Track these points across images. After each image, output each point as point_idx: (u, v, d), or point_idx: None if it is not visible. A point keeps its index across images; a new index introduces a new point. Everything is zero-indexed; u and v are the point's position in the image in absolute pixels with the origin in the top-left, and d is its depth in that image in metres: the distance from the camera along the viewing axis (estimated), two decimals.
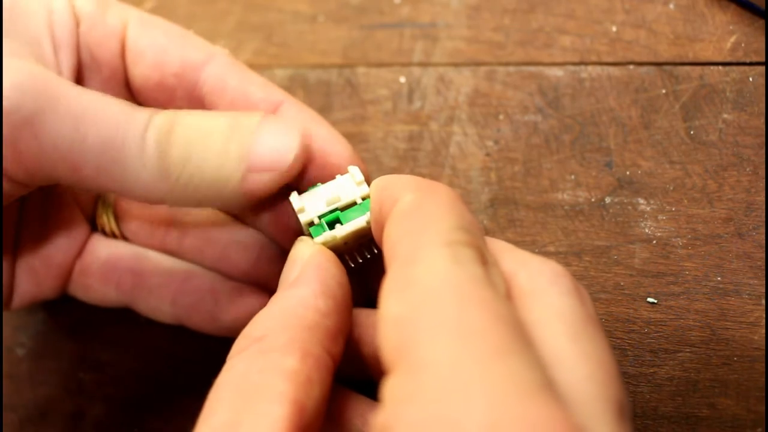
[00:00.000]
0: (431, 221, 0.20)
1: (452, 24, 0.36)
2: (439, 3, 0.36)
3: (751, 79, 0.32)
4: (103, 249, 0.32)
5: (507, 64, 0.35)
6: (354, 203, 0.26)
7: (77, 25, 0.29)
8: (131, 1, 0.40)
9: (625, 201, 0.31)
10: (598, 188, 0.32)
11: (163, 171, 0.25)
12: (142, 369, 0.35)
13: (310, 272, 0.24)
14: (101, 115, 0.24)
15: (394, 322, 0.18)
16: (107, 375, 0.35)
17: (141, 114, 0.25)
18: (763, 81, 0.31)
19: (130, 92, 0.30)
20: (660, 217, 0.31)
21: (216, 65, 0.29)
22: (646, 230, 0.31)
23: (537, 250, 0.32)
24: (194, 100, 0.30)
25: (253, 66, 0.38)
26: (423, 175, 0.34)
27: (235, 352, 0.22)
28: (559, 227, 0.32)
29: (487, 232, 0.32)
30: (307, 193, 0.27)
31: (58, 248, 0.31)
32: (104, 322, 0.35)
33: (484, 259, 0.20)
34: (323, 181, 0.27)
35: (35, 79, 0.24)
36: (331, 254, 0.25)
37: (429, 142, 0.34)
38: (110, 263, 0.32)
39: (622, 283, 0.30)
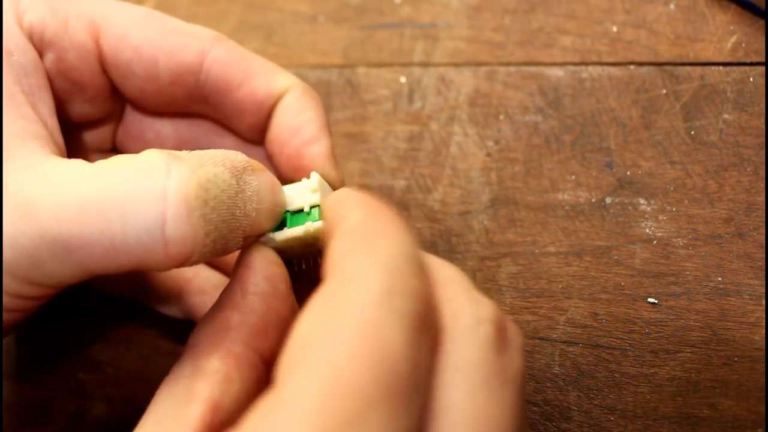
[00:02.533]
0: (377, 245, 0.19)
1: (453, 24, 0.36)
2: (440, 3, 0.36)
3: (751, 79, 0.32)
4: None
5: (507, 64, 0.35)
6: (301, 210, 0.26)
7: (41, 56, 0.26)
8: (131, 2, 0.40)
9: (626, 201, 0.31)
10: (598, 188, 0.32)
11: (189, 247, 0.22)
12: (142, 369, 0.35)
13: (240, 272, 0.24)
14: (90, 233, 0.21)
15: (296, 342, 0.18)
16: (107, 375, 0.35)
17: (147, 196, 0.21)
18: (763, 81, 0.31)
19: (118, 98, 0.29)
20: (660, 217, 0.31)
21: (212, 62, 0.27)
22: (647, 230, 0.31)
23: (537, 251, 0.32)
24: (196, 98, 0.29)
25: None
26: (423, 176, 0.34)
27: (178, 358, 0.23)
28: (560, 227, 0.32)
29: (488, 232, 0.32)
30: None
31: None
32: (104, 322, 0.35)
33: (426, 293, 0.19)
34: (297, 179, 0.27)
35: (17, 212, 0.21)
36: (267, 251, 0.25)
37: (429, 142, 0.34)
38: None
39: (622, 284, 0.30)
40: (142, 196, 0.21)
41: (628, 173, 0.32)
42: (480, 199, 0.33)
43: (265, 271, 0.24)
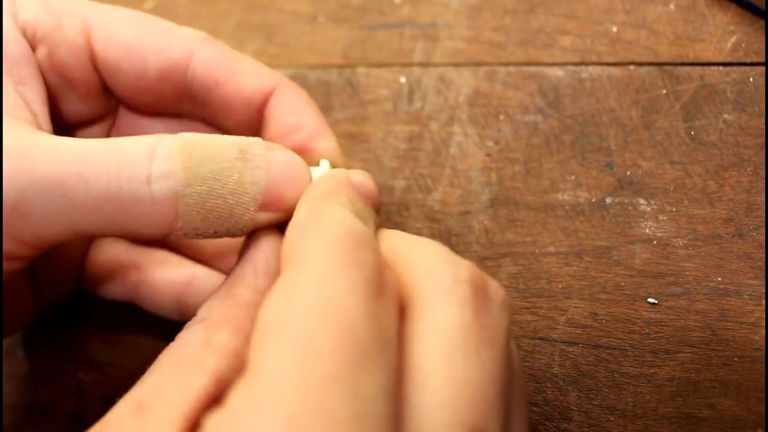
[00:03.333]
0: (321, 230, 0.20)
1: (452, 24, 0.36)
2: (440, 3, 0.36)
3: (751, 79, 0.32)
4: (109, 246, 0.32)
5: (507, 64, 0.35)
6: None
7: (33, 50, 0.27)
8: (131, 2, 0.40)
9: (626, 201, 0.31)
10: (598, 188, 0.32)
11: (180, 210, 0.23)
12: (142, 369, 0.35)
13: (253, 252, 0.24)
14: (87, 171, 0.22)
15: (261, 325, 0.19)
16: (107, 375, 0.35)
17: (137, 153, 0.23)
18: (763, 81, 0.31)
19: (110, 95, 0.29)
20: (660, 217, 0.31)
21: (200, 60, 0.28)
22: (647, 230, 0.31)
23: (537, 251, 0.32)
24: (184, 96, 0.29)
25: None
26: (423, 176, 0.34)
27: (184, 327, 0.23)
28: (560, 227, 0.32)
29: (488, 232, 0.32)
30: None
31: (69, 247, 0.31)
32: (104, 322, 0.35)
33: (375, 264, 0.19)
34: None
35: (10, 157, 0.22)
36: (278, 234, 0.25)
37: (429, 142, 0.34)
38: (115, 260, 0.32)
39: (622, 284, 0.30)
40: (135, 150, 0.23)
41: (628, 173, 0.32)
42: (480, 199, 0.33)
43: (277, 251, 0.24)
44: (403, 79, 0.36)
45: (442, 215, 0.33)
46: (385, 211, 0.34)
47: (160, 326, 0.34)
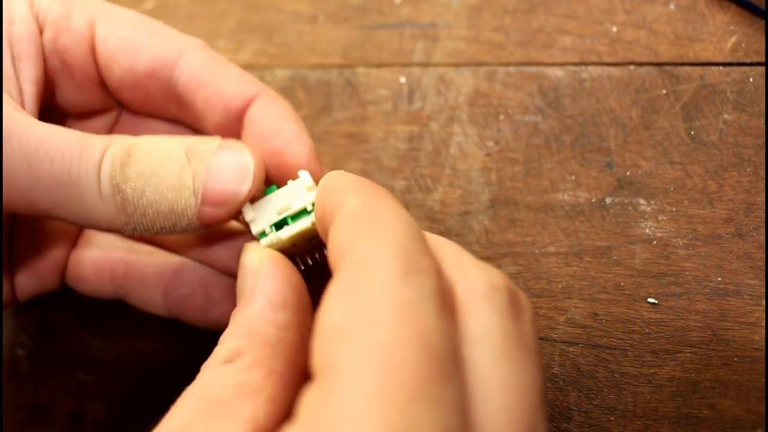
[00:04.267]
0: (384, 225, 0.20)
1: (452, 24, 0.36)
2: (440, 3, 0.36)
3: (751, 79, 0.32)
4: (96, 241, 0.32)
5: (507, 64, 0.35)
6: (305, 210, 0.26)
7: (40, 32, 0.28)
8: (131, 2, 0.40)
9: (626, 201, 0.31)
10: (598, 188, 0.32)
11: (119, 205, 0.25)
12: (142, 369, 0.35)
13: (263, 283, 0.24)
14: (54, 150, 0.24)
15: (330, 330, 0.18)
16: (107, 375, 0.35)
17: (95, 147, 0.25)
18: (763, 81, 0.31)
19: (107, 92, 0.30)
20: (660, 217, 0.31)
21: (188, 61, 0.29)
22: (647, 231, 0.31)
23: (537, 251, 0.32)
24: (170, 97, 0.29)
25: (253, 66, 0.38)
26: (423, 176, 0.34)
27: (205, 366, 0.22)
28: (560, 227, 0.32)
29: (488, 232, 0.32)
30: (259, 202, 0.27)
31: (53, 242, 0.32)
32: (104, 322, 0.35)
33: (438, 268, 0.19)
34: (280, 180, 0.27)
35: None
36: (280, 257, 0.24)
37: (429, 142, 0.34)
38: (103, 255, 0.32)
39: (622, 284, 0.30)
40: (97, 143, 0.25)
41: (628, 173, 0.32)
42: (480, 199, 0.33)
43: (290, 281, 0.24)
44: (403, 79, 0.36)
45: (442, 215, 0.33)
46: None
47: (161, 326, 0.34)
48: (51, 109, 0.30)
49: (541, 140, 0.33)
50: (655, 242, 0.31)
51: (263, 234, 0.26)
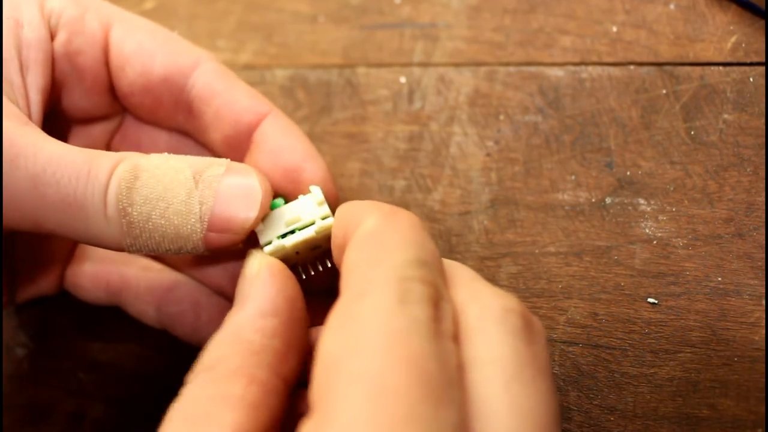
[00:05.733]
0: (387, 251, 0.20)
1: (452, 24, 0.36)
2: (440, 3, 0.36)
3: (751, 79, 0.32)
4: (93, 252, 0.32)
5: (507, 64, 0.35)
6: (313, 224, 0.26)
7: (51, 37, 0.28)
8: (131, 1, 0.40)
9: (626, 201, 0.31)
10: (598, 188, 0.32)
11: (124, 228, 0.25)
12: (142, 369, 0.35)
13: (256, 290, 0.24)
14: (60, 172, 0.24)
15: (326, 361, 0.18)
16: (107, 375, 0.35)
17: (102, 168, 0.24)
18: (763, 81, 0.31)
19: (115, 98, 0.30)
20: (660, 217, 0.31)
21: (203, 71, 0.29)
22: (647, 231, 0.31)
23: (537, 251, 0.32)
24: (181, 104, 0.29)
25: (253, 66, 0.38)
26: (423, 176, 0.34)
27: (191, 378, 0.22)
28: (560, 227, 0.32)
29: (488, 232, 0.32)
30: (268, 214, 0.27)
31: (52, 250, 0.32)
32: (104, 322, 0.35)
33: (437, 296, 0.19)
34: (292, 195, 0.28)
35: None
36: (280, 266, 0.25)
37: (429, 142, 0.34)
38: (100, 266, 0.32)
39: (622, 284, 0.30)
40: (104, 164, 0.24)
41: (628, 173, 0.32)
42: (480, 199, 0.33)
43: (284, 290, 0.24)
44: (403, 79, 0.36)
45: (442, 215, 0.33)
46: None
47: None
48: (54, 112, 0.30)
49: (541, 140, 0.33)
50: (655, 242, 0.31)
51: (269, 244, 0.26)
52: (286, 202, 0.27)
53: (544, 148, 0.33)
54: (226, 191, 0.25)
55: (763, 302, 0.29)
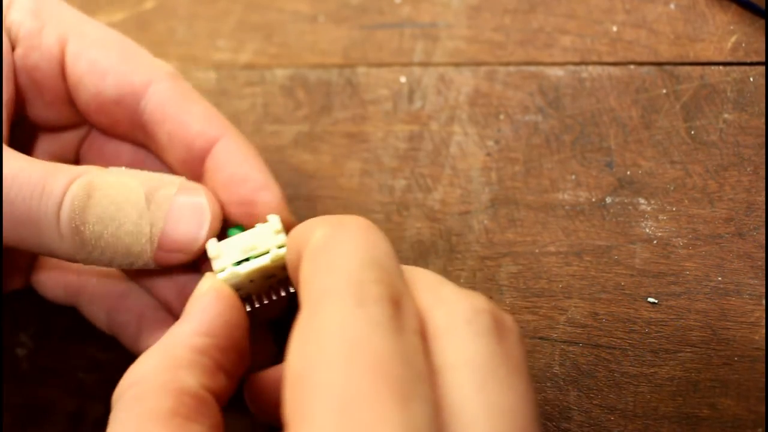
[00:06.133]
0: (339, 257, 0.20)
1: (453, 24, 0.36)
2: (440, 3, 0.36)
3: (751, 79, 0.32)
4: None
5: (507, 64, 0.35)
6: (268, 252, 0.26)
7: (12, 49, 0.27)
8: (131, 1, 0.40)
9: (626, 201, 0.31)
10: (598, 188, 0.32)
11: (77, 244, 0.26)
12: None
13: (195, 310, 0.24)
14: (15, 191, 0.25)
15: (292, 380, 0.18)
16: (107, 375, 0.35)
17: (56, 186, 0.25)
18: (763, 81, 0.31)
19: (77, 111, 0.30)
20: (661, 217, 0.31)
21: (155, 92, 0.28)
22: (647, 230, 0.31)
23: (537, 250, 0.32)
24: (137, 125, 0.29)
25: (253, 66, 0.38)
26: (423, 175, 0.34)
27: (115, 398, 0.22)
28: (560, 227, 0.32)
29: (488, 232, 0.32)
30: (224, 241, 0.27)
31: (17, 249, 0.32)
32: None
33: (396, 293, 0.19)
34: (249, 225, 0.28)
35: None
36: (228, 292, 0.25)
37: (429, 142, 0.34)
38: (59, 268, 0.32)
39: (622, 283, 0.30)
40: (59, 181, 0.25)
41: (628, 173, 0.32)
42: (480, 198, 0.33)
43: (224, 315, 0.24)
44: (403, 79, 0.36)
45: (442, 215, 0.33)
46: (385, 211, 0.34)
47: None
48: (22, 120, 0.30)
49: (542, 140, 0.33)
50: (655, 242, 0.31)
51: (222, 271, 0.26)
52: (244, 230, 0.27)
53: (544, 148, 0.33)
54: (176, 212, 0.26)
55: (764, 302, 0.29)
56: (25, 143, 0.29)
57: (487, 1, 0.36)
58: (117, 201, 0.26)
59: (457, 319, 0.20)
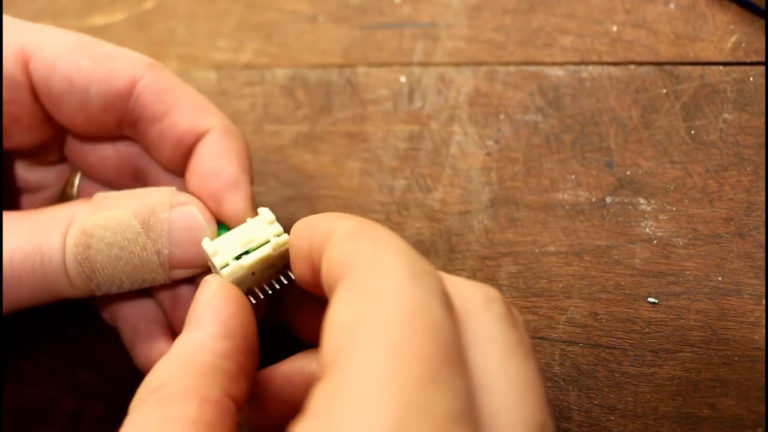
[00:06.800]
0: (384, 239, 0.20)
1: (452, 24, 0.36)
2: (440, 3, 0.36)
3: (751, 78, 0.32)
4: None
5: (507, 63, 0.35)
6: (267, 242, 0.27)
7: None
8: (131, 1, 0.40)
9: (626, 201, 0.31)
10: (598, 188, 0.32)
11: (95, 287, 0.27)
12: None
13: (209, 314, 0.24)
14: (17, 268, 0.25)
15: (340, 327, 0.18)
16: (107, 375, 0.35)
17: (53, 247, 0.26)
18: (763, 81, 0.31)
19: (57, 128, 0.29)
20: (661, 216, 0.31)
21: (142, 89, 0.27)
22: (647, 230, 0.31)
23: (537, 250, 0.32)
24: (127, 124, 0.29)
25: (253, 66, 0.38)
26: (423, 175, 0.34)
27: (135, 403, 0.21)
28: (560, 227, 0.32)
29: (488, 231, 0.32)
30: (218, 238, 0.27)
31: None
32: (104, 322, 0.35)
33: (440, 278, 0.20)
34: (220, 220, 0.28)
35: None
36: (235, 291, 0.25)
37: (429, 141, 0.34)
38: None
39: (622, 283, 0.30)
40: (53, 242, 0.26)
41: (628, 173, 0.32)
42: (480, 198, 0.33)
43: (238, 316, 0.24)
44: (403, 79, 0.36)
45: (442, 215, 0.33)
46: (385, 211, 0.34)
47: None
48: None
49: (542, 140, 0.33)
50: (655, 242, 0.31)
51: (225, 266, 0.26)
52: (228, 229, 0.28)
53: (544, 148, 0.33)
54: (176, 233, 0.27)
55: (763, 302, 0.29)
56: (6, 172, 0.28)
57: (487, 1, 0.36)
58: (115, 241, 0.26)
59: (474, 304, 0.21)
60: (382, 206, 0.34)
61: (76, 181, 0.32)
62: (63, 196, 0.32)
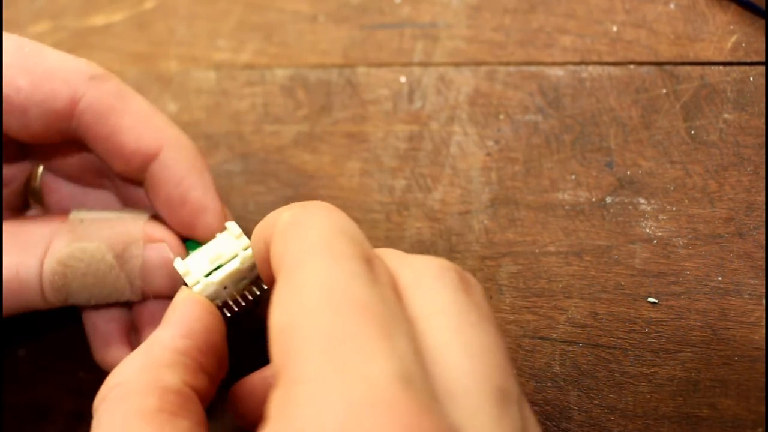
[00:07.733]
0: (310, 228, 0.20)
1: (452, 24, 0.36)
2: (440, 3, 0.36)
3: (751, 78, 0.32)
4: None
5: (507, 63, 0.35)
6: (236, 256, 0.27)
7: None
8: (131, 1, 0.40)
9: (626, 201, 0.31)
10: (598, 188, 0.32)
11: (71, 305, 0.28)
12: None
13: (173, 317, 0.24)
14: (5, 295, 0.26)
15: (279, 331, 0.18)
16: (107, 374, 0.35)
17: (30, 273, 0.27)
18: (763, 81, 0.31)
19: (14, 142, 0.29)
20: (661, 216, 0.31)
21: (82, 111, 0.26)
22: (647, 230, 0.31)
23: (537, 250, 0.32)
24: (74, 140, 0.28)
25: (253, 66, 0.38)
26: (423, 175, 0.34)
27: (97, 402, 0.22)
28: (560, 227, 0.32)
29: (488, 231, 0.32)
30: (189, 257, 0.28)
31: None
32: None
33: (367, 254, 0.20)
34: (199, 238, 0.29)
35: None
36: (203, 301, 0.25)
37: (429, 141, 0.34)
38: None
39: (622, 283, 0.30)
40: (29, 275, 0.27)
41: (628, 173, 0.32)
42: (480, 198, 0.33)
43: (202, 319, 0.24)
44: (403, 79, 0.36)
45: (442, 215, 0.33)
46: (385, 211, 0.34)
47: None
48: None
49: (542, 140, 0.33)
50: (655, 242, 0.31)
51: (197, 284, 0.27)
52: (200, 244, 0.28)
53: (544, 148, 0.33)
54: (149, 269, 0.28)
55: (764, 302, 0.29)
56: None
57: (487, 1, 0.36)
58: (90, 272, 0.27)
59: (426, 274, 0.21)
60: (382, 206, 0.34)
61: (39, 175, 0.32)
62: (27, 190, 0.32)
